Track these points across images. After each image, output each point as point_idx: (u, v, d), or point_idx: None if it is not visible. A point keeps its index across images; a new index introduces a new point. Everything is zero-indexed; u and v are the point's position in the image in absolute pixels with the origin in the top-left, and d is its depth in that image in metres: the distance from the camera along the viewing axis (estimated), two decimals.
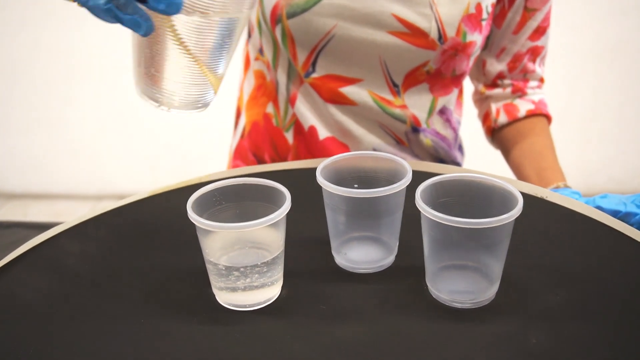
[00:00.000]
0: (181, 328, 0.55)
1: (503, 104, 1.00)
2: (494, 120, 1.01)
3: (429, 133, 0.97)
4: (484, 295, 0.56)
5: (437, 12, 0.84)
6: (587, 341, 0.52)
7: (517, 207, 0.53)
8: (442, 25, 0.85)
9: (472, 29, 0.88)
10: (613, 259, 0.62)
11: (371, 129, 0.93)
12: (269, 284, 0.57)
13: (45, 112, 2.34)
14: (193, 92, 0.60)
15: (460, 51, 0.88)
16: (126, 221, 0.72)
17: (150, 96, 0.60)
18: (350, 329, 0.54)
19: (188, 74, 0.58)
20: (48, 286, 0.61)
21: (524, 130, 0.99)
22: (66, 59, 2.25)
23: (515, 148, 0.98)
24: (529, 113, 0.98)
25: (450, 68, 0.90)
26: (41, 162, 2.40)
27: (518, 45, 0.96)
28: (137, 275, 0.62)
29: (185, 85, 0.59)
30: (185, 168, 2.31)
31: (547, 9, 0.95)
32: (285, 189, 0.57)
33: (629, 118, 2.29)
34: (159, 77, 0.58)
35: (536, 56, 0.98)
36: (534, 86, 1.01)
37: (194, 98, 0.60)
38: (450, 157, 1.01)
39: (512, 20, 0.94)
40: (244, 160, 1.02)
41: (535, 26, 0.95)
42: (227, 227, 0.52)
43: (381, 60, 0.88)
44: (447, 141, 1.00)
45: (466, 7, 0.86)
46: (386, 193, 0.57)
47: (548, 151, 0.96)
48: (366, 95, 0.90)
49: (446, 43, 0.86)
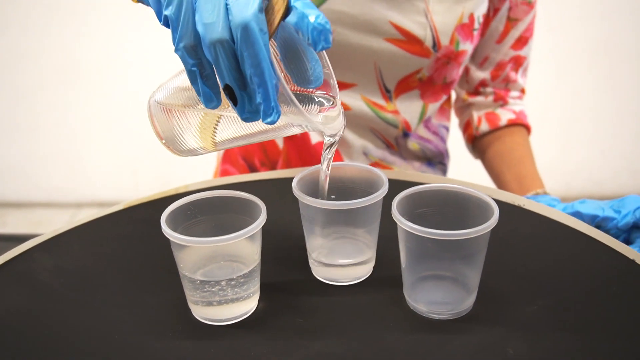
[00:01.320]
0: (156, 343, 0.54)
1: (485, 112, 1.02)
2: (475, 128, 1.02)
3: (415, 138, 0.99)
4: (461, 306, 0.56)
5: (432, 21, 0.86)
6: (564, 351, 0.52)
7: (493, 218, 0.53)
8: (436, 34, 0.87)
9: (465, 38, 0.89)
10: (590, 267, 0.62)
11: (362, 134, 0.95)
12: (245, 298, 0.56)
13: (23, 118, 2.31)
14: (190, 150, 0.59)
15: (452, 59, 0.90)
16: (102, 234, 0.71)
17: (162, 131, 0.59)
18: (328, 342, 0.54)
19: (196, 141, 0.57)
20: (19, 302, 0.60)
21: (505, 138, 1.01)
22: (45, 65, 2.23)
23: (496, 156, 1.00)
24: (510, 122, 1.00)
25: (441, 76, 0.92)
26: (19, 170, 2.37)
27: (501, 54, 0.98)
28: (111, 289, 0.61)
29: (186, 144, 0.58)
30: (167, 174, 2.30)
31: (529, 19, 0.97)
32: (261, 201, 0.56)
33: (608, 120, 2.32)
34: (177, 124, 0.57)
35: (518, 66, 1.00)
36: (515, 96, 1.02)
37: (189, 153, 0.59)
38: (437, 159, 1.03)
39: (495, 30, 0.96)
40: (233, 165, 1.02)
41: (517, 35, 0.97)
42: (201, 241, 0.52)
43: (376, 66, 0.89)
44: (433, 143, 1.02)
45: (460, 17, 0.88)
46: (362, 205, 0.56)
47: (527, 159, 0.98)
48: (360, 100, 0.91)
49: (440, 51, 0.88)
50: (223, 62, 0.45)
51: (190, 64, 0.47)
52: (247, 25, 0.43)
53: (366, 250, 0.61)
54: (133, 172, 2.37)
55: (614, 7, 2.16)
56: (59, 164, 2.37)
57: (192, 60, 0.47)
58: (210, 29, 0.44)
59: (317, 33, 0.45)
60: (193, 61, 0.47)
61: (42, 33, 2.18)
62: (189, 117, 0.56)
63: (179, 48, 0.47)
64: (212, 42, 0.45)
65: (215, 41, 0.44)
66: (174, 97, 0.56)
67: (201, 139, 0.57)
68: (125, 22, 2.16)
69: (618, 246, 0.64)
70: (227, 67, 0.45)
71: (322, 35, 0.45)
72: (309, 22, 0.45)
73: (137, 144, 2.33)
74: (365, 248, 0.61)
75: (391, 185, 0.60)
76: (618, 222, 0.71)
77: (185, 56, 0.47)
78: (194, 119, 0.55)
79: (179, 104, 0.56)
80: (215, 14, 0.44)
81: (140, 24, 2.16)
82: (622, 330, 0.54)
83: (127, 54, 2.21)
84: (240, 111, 0.48)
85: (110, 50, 2.21)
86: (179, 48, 0.47)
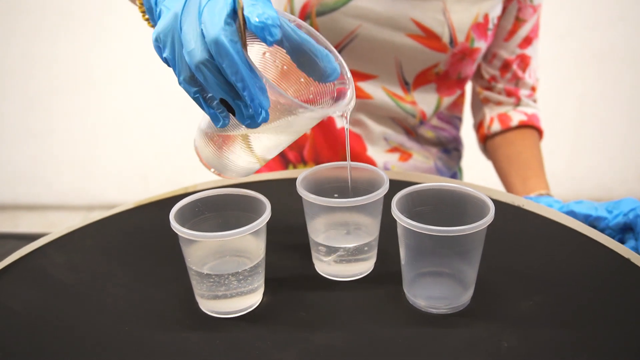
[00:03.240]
0: (164, 335, 0.56)
1: (498, 113, 1.06)
2: (487, 127, 1.06)
3: (428, 126, 1.07)
4: (458, 301, 0.58)
5: (449, 19, 0.92)
6: (556, 345, 0.53)
7: (489, 215, 0.54)
8: (453, 31, 0.93)
9: (479, 36, 0.96)
10: (585, 265, 0.64)
11: (383, 121, 1.01)
12: (250, 291, 0.58)
13: (37, 122, 2.35)
14: (243, 168, 0.63)
15: (467, 55, 0.96)
16: (112, 232, 0.73)
17: (205, 159, 0.63)
18: (329, 335, 0.56)
19: (243, 160, 0.61)
20: (33, 297, 0.62)
21: (515, 139, 1.04)
22: (57, 69, 2.26)
23: (505, 158, 1.04)
24: (521, 124, 1.04)
25: (456, 71, 0.98)
26: (31, 173, 2.41)
27: (508, 52, 1.03)
28: (122, 284, 0.64)
29: (237, 165, 0.62)
30: (176, 178, 2.33)
31: (534, 20, 1.02)
32: (265, 198, 0.58)
33: (617, 126, 2.32)
34: (218, 152, 0.61)
35: (525, 65, 1.04)
36: (526, 94, 1.06)
37: (243, 172, 0.64)
38: (452, 145, 1.12)
39: (504, 28, 1.01)
40: None
41: (524, 35, 1.02)
42: (208, 236, 0.54)
43: (397, 60, 0.95)
44: (447, 131, 1.09)
45: (475, 16, 0.94)
46: (363, 202, 0.58)
47: (534, 161, 1.01)
48: (380, 90, 0.98)
49: (456, 47, 0.94)
50: (210, 80, 0.49)
51: (192, 92, 0.52)
52: (217, 40, 0.47)
53: (368, 247, 0.63)
54: (143, 176, 2.40)
55: (622, 13, 2.17)
56: (71, 167, 2.41)
57: (193, 89, 0.51)
58: (192, 55, 0.48)
59: (260, 30, 0.47)
60: (194, 89, 0.51)
61: (55, 40, 2.21)
62: (227, 144, 0.60)
63: (180, 82, 0.51)
64: (196, 65, 0.48)
65: (197, 63, 0.48)
66: (208, 131, 0.60)
67: (247, 158, 0.61)
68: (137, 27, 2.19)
69: (613, 245, 0.66)
70: (214, 82, 0.49)
71: (266, 31, 0.47)
72: (252, 24, 0.47)
73: (148, 148, 2.36)
74: (366, 245, 0.63)
75: (392, 184, 0.62)
76: (609, 221, 0.73)
77: (187, 87, 0.51)
78: (231, 145, 0.60)
79: (214, 136, 0.60)
80: (193, 40, 0.48)
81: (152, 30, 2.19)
82: (614, 326, 0.55)
83: (139, 60, 2.24)
84: (240, 119, 0.51)
85: (121, 56, 2.24)
86: (180, 82, 0.51)
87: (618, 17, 2.17)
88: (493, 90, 1.06)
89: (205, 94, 0.52)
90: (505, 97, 1.05)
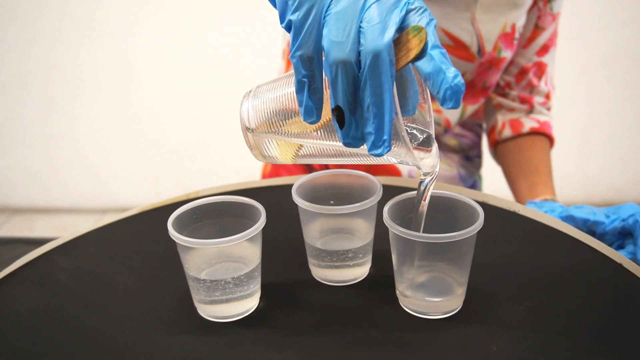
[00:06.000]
0: (164, 338, 0.58)
1: (510, 119, 1.06)
2: (498, 133, 1.06)
3: (451, 135, 1.09)
4: (450, 306, 0.59)
5: (477, 29, 0.93)
6: (545, 349, 0.54)
7: (478, 222, 0.55)
8: (482, 41, 0.94)
9: (506, 46, 0.97)
10: (579, 270, 0.65)
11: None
12: (246, 296, 0.60)
13: (49, 126, 2.38)
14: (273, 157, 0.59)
15: (494, 65, 0.98)
16: (116, 237, 0.75)
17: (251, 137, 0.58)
18: (324, 339, 0.57)
19: (281, 150, 0.57)
20: (39, 299, 0.64)
21: (525, 145, 1.04)
22: (70, 73, 2.29)
23: (514, 164, 1.04)
24: (533, 130, 1.04)
25: (482, 80, 0.99)
26: (46, 177, 2.45)
27: (525, 59, 1.03)
28: (123, 288, 0.65)
29: (270, 150, 0.58)
30: (189, 181, 2.35)
31: (552, 28, 1.02)
32: (261, 205, 0.60)
33: (627, 128, 2.31)
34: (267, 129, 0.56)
35: (542, 73, 1.05)
36: (540, 102, 1.06)
37: (270, 159, 0.59)
38: (474, 152, 1.13)
39: (522, 36, 1.02)
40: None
41: (542, 43, 1.02)
42: (205, 243, 0.55)
43: None
44: (468, 138, 1.11)
45: (503, 26, 0.95)
46: (358, 209, 0.60)
47: (543, 167, 1.02)
48: None
49: (484, 57, 0.96)
50: (341, 84, 0.44)
51: (302, 75, 0.46)
52: (379, 54, 0.42)
53: (362, 253, 0.64)
54: (155, 180, 2.43)
55: (633, 15, 2.16)
56: (84, 171, 2.44)
57: (304, 71, 0.46)
58: (337, 48, 0.43)
59: (452, 93, 0.42)
60: (306, 72, 0.46)
61: (68, 45, 2.24)
62: (278, 128, 0.55)
63: (294, 56, 0.46)
64: (335, 62, 0.44)
65: (339, 61, 0.43)
66: (270, 102, 0.55)
67: (281, 150, 0.57)
68: (150, 33, 2.23)
69: (606, 250, 0.67)
70: (344, 89, 0.44)
71: (455, 96, 0.42)
72: (445, 78, 0.42)
73: (160, 152, 2.39)
74: (361, 250, 0.64)
75: (385, 190, 0.63)
76: (606, 226, 0.73)
77: (299, 65, 0.46)
78: (284, 133, 0.55)
79: (274, 109, 0.54)
80: (345, 33, 0.43)
81: (166, 34, 2.22)
82: (604, 331, 0.56)
83: (152, 64, 2.27)
84: (344, 135, 0.46)
85: (134, 60, 2.27)
86: (295, 56, 0.46)
87: (630, 18, 2.16)
88: (507, 97, 1.07)
89: (312, 83, 0.46)
90: (518, 103, 1.06)
